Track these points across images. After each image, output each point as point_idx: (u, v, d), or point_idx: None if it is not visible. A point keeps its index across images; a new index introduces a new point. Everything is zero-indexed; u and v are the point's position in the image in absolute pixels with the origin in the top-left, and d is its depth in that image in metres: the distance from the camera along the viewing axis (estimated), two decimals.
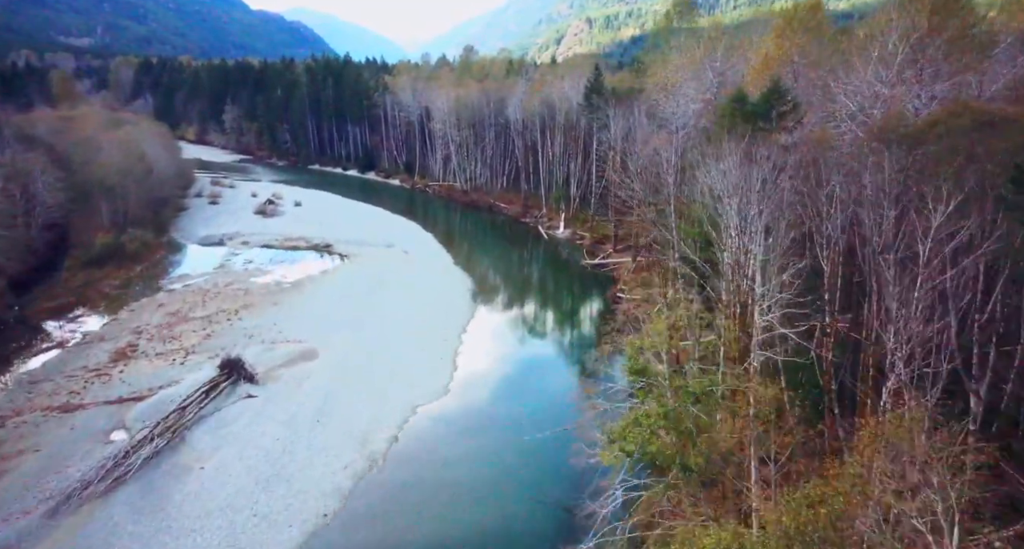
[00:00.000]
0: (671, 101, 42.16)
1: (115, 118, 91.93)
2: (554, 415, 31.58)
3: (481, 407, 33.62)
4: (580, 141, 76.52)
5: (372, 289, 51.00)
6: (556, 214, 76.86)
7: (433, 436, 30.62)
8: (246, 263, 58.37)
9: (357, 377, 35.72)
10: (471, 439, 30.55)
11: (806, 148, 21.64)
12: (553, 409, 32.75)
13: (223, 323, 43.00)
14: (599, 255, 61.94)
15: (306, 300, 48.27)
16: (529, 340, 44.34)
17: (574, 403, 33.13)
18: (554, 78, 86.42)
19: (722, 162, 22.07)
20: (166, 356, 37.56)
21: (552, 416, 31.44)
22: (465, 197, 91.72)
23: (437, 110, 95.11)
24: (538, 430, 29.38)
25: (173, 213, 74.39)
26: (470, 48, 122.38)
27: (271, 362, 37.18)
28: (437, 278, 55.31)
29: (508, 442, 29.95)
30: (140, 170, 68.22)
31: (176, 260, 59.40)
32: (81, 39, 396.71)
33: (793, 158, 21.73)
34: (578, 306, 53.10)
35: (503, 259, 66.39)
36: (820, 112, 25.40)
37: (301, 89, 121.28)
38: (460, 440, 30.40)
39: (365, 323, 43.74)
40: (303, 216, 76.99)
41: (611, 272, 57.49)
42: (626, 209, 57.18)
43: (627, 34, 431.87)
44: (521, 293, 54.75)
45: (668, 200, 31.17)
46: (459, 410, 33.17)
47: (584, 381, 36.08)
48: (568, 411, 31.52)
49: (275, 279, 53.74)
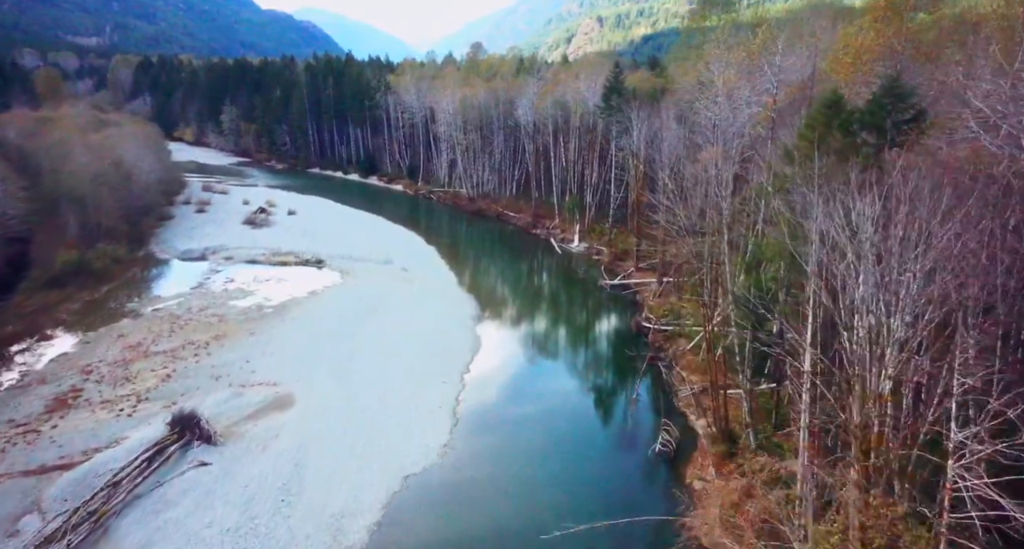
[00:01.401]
0: (715, 103, 35.87)
1: (99, 119, 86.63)
2: (583, 499, 25.45)
3: (486, 477, 27.49)
4: (597, 146, 70.31)
5: (364, 315, 45.03)
6: (570, 225, 70.67)
7: (425, 521, 24.54)
8: (227, 282, 52.54)
9: (338, 433, 29.75)
10: (472, 527, 24.42)
11: (944, 170, 15.45)
12: (580, 488, 26.57)
13: (188, 359, 37.12)
14: (619, 274, 55.72)
15: (288, 329, 42.35)
16: (542, 383, 38.02)
17: (607, 478, 27.08)
18: (568, 77, 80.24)
19: (834, 196, 15.44)
20: (113, 405, 31.68)
21: (580, 500, 25.31)
22: (471, 205, 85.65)
23: (442, 111, 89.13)
24: (560, 519, 23.21)
25: (155, 223, 68.75)
26: (478, 45, 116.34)
27: (236, 413, 31.25)
28: (438, 302, 49.27)
29: (522, 536, 23.74)
30: (117, 177, 62.62)
31: (150, 279, 53.64)
32: (89, 38, 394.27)
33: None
34: (598, 338, 46.71)
35: (512, 278, 60.22)
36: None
37: (300, 89, 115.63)
38: (458, 527, 24.31)
39: (353, 360, 37.77)
40: (296, 226, 71.18)
41: (633, 294, 51.29)
42: (651, 225, 51.09)
43: (638, 33, 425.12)
44: (532, 321, 48.52)
45: (721, 229, 24.99)
46: (459, 482, 27.06)
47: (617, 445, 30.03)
48: (599, 494, 25.46)
49: (257, 302, 47.87)
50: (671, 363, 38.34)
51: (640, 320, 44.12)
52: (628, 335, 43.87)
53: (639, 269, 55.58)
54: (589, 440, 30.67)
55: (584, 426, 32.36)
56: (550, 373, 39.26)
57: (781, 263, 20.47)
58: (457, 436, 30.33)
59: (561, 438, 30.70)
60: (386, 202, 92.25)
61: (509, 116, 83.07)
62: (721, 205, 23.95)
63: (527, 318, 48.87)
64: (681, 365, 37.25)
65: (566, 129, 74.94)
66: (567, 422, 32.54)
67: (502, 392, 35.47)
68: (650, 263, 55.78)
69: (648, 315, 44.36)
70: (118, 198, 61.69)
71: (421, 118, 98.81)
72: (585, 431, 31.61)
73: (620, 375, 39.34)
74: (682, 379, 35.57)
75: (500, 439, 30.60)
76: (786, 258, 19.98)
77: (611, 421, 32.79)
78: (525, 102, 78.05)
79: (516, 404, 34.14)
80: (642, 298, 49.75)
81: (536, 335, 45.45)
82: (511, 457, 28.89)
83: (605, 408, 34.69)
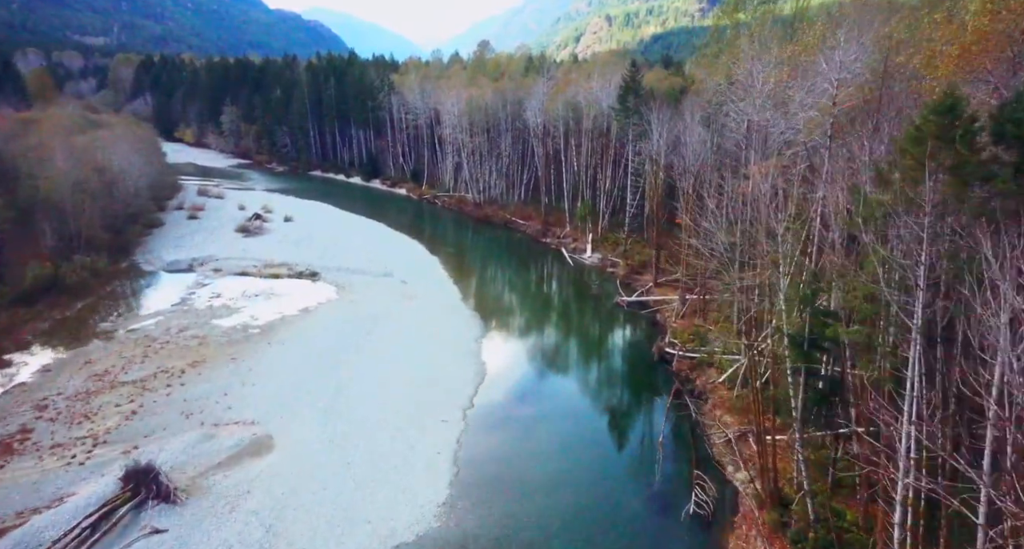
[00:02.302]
0: (753, 106, 31.46)
1: (90, 120, 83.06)
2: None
3: (491, 541, 23.34)
4: (611, 150, 66.09)
5: (357, 338, 40.98)
6: (582, 234, 66.44)
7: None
8: (212, 297, 48.59)
9: (319, 489, 25.67)
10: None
11: None
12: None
13: (159, 391, 33.14)
14: (636, 289, 51.44)
15: (274, 354, 38.32)
16: (554, 423, 33.51)
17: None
18: (580, 77, 76.02)
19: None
20: (65, 450, 27.70)
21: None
22: (477, 211, 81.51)
23: (447, 113, 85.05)
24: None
25: (143, 231, 64.94)
26: (485, 43, 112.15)
27: (205, 461, 27.22)
28: (440, 321, 45.15)
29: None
30: (100, 182, 58.83)
31: (129, 294, 49.72)
32: (97, 38, 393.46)
33: None
34: (616, 367, 42.13)
35: (520, 293, 55.92)
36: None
37: (302, 89, 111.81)
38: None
39: (342, 393, 33.71)
40: (292, 235, 67.25)
41: (653, 313, 46.99)
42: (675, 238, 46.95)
43: (648, 32, 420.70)
44: (541, 345, 44.15)
45: (775, 259, 20.71)
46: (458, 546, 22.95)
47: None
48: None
49: (243, 321, 43.88)
50: (700, 397, 34.11)
51: (663, 345, 39.81)
52: (650, 363, 39.56)
53: (658, 284, 51.30)
54: (613, 500, 26.32)
55: (605, 481, 28.04)
56: (562, 410, 34.93)
57: (865, 309, 16.24)
58: (458, 491, 26.17)
59: (579, 496, 26.40)
60: (388, 207, 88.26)
61: (517, 118, 79.03)
62: (775, 229, 19.73)
63: (536, 341, 44.56)
64: (713, 401, 32.97)
65: (578, 132, 70.80)
66: (584, 473, 28.25)
67: (509, 433, 31.29)
68: (670, 278, 51.59)
69: (671, 339, 40.04)
70: (102, 205, 57.88)
71: (426, 119, 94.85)
72: (608, 489, 27.23)
73: (643, 412, 35.14)
74: (715, 419, 31.29)
75: (507, 494, 26.37)
76: (881, 307, 15.82)
77: (636, 474, 28.47)
78: (534, 103, 73.94)
79: (525, 449, 29.92)
80: (663, 318, 45.47)
81: (546, 362, 41.16)
82: (521, 520, 24.66)
83: (629, 457, 30.36)
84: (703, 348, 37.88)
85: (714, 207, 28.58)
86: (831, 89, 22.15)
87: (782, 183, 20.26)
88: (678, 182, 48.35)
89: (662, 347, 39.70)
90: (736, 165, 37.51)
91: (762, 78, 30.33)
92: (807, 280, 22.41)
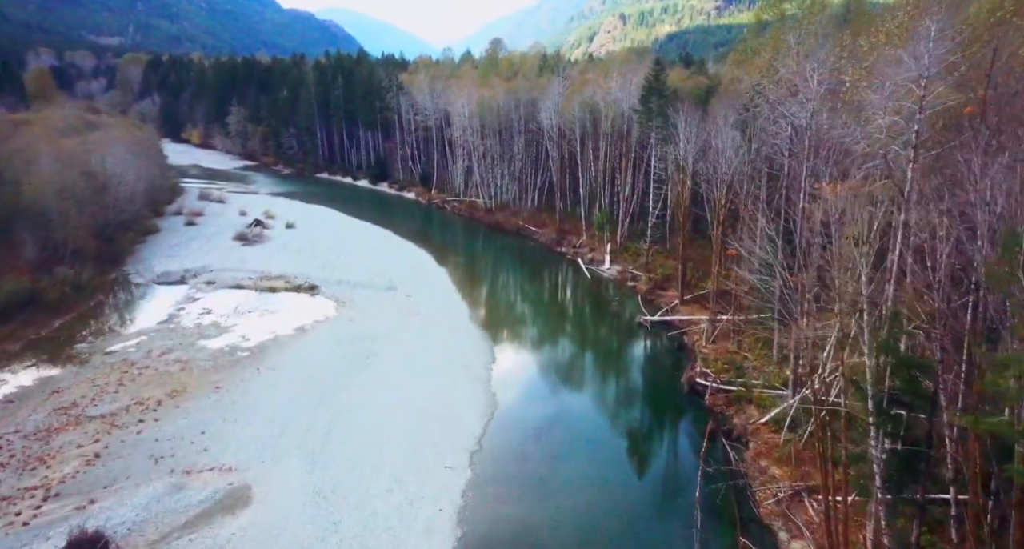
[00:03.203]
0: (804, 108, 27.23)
1: (87, 121, 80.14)
2: None
3: None
4: (630, 154, 61.92)
5: (355, 364, 37.22)
6: (599, 244, 62.39)
7: None
8: (202, 314, 45.07)
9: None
10: None
11: None
12: None
13: (129, 428, 29.55)
14: (660, 306, 47.34)
15: (262, 383, 34.64)
16: (573, 468, 29.29)
17: None
18: (597, 76, 71.87)
19: None
20: (10, 505, 24.06)
21: None
22: (489, 217, 77.64)
23: (457, 114, 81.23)
24: None
25: (137, 239, 61.67)
26: (498, 41, 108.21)
27: (170, 520, 23.51)
28: (447, 342, 41.29)
29: None
30: (90, 188, 55.58)
31: (113, 310, 46.31)
32: (112, 38, 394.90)
33: None
34: (641, 399, 37.74)
35: (533, 310, 51.85)
36: None
37: (308, 89, 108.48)
38: None
39: (333, 430, 29.95)
40: (292, 243, 63.71)
41: (680, 335, 42.82)
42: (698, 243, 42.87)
43: (663, 31, 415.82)
44: (557, 373, 39.96)
45: (859, 306, 16.60)
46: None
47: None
48: None
49: (232, 342, 40.28)
50: (740, 439, 29.95)
51: (693, 375, 35.64)
52: (679, 394, 35.44)
53: (685, 302, 47.12)
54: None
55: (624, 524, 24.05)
56: (583, 453, 30.80)
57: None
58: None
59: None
60: (396, 212, 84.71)
61: (531, 119, 75.06)
62: (860, 268, 15.56)
63: (552, 368, 40.39)
64: (756, 447, 28.79)
65: (595, 134, 66.74)
66: (608, 537, 24.20)
67: (522, 484, 27.27)
68: (699, 293, 47.45)
69: (703, 368, 35.87)
70: (91, 212, 54.69)
71: (435, 121, 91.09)
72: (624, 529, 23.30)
73: (674, 458, 31.05)
74: (760, 470, 27.13)
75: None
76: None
77: (671, 540, 24.39)
78: (549, 104, 69.91)
79: (540, 505, 25.93)
80: (691, 342, 41.29)
81: (563, 392, 37.11)
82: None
83: (662, 516, 26.25)
84: (740, 380, 33.74)
85: (771, 233, 24.37)
86: (918, 90, 18.04)
87: (860, 205, 16.23)
88: (709, 191, 44.16)
89: (693, 377, 35.53)
90: (780, 174, 33.35)
91: (817, 77, 26.16)
92: (888, 321, 18.26)
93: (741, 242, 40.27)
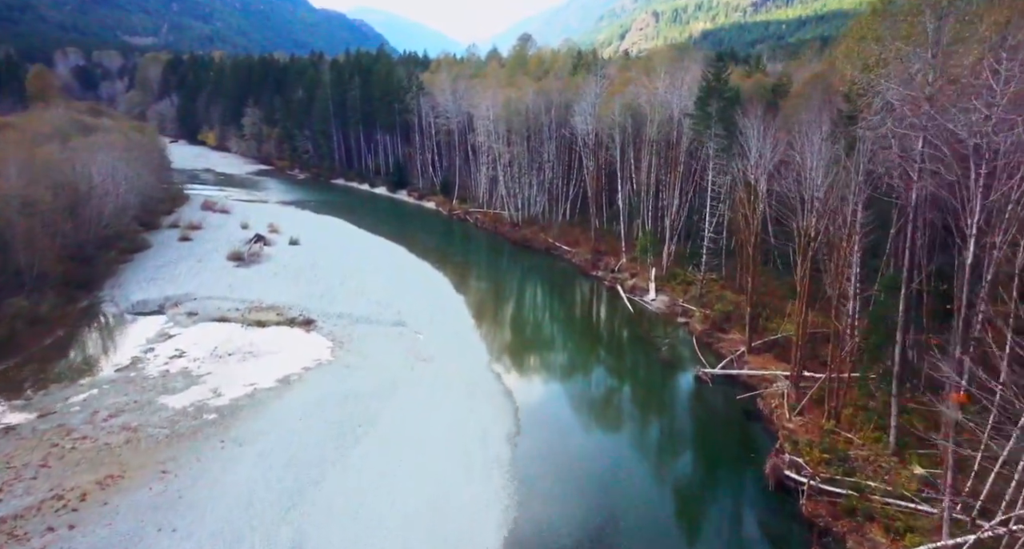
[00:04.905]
0: (990, 119, 18.68)
1: (83, 124, 74.36)
2: None
3: None
4: (680, 165, 53.41)
5: (344, 436, 29.55)
6: (642, 268, 53.99)
7: None
8: (173, 357, 37.92)
9: None
10: None
11: None
12: None
13: (30, 542, 22.22)
14: (722, 353, 38.92)
15: (223, 464, 27.15)
16: None
17: None
18: (640, 75, 63.39)
19: None
20: None
21: None
22: (515, 232, 69.72)
23: (482, 117, 73.40)
24: None
25: (122, 257, 55.04)
26: (527, 37, 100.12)
27: None
28: (461, 403, 33.40)
29: None
30: (65, 201, 49.10)
31: (69, 351, 39.30)
32: (146, 38, 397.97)
33: None
34: (709, 495, 28.26)
35: (565, 354, 43.25)
36: None
37: (325, 89, 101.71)
38: None
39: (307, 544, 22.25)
40: (293, 264, 56.49)
41: (752, 396, 34.26)
42: (775, 282, 34.50)
43: (697, 28, 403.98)
44: (598, 446, 31.63)
45: None
46: None
47: None
48: None
49: (200, 398, 33.00)
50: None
51: (781, 464, 27.11)
52: (762, 491, 26.95)
53: (753, 349, 38.52)
54: None
55: None
56: None
57: None
58: None
59: None
60: (414, 225, 77.27)
61: (564, 123, 66.83)
62: None
63: (589, 448, 31.63)
64: None
65: (637, 142, 58.35)
66: None
67: None
68: (770, 339, 38.88)
69: (793, 455, 27.33)
70: (65, 229, 48.18)
71: (457, 124, 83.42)
72: None
73: None
74: None
75: None
76: None
77: None
78: (585, 106, 61.62)
79: None
80: (768, 408, 32.70)
81: (606, 487, 28.45)
82: None
83: None
84: (849, 479, 25.17)
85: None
86: None
87: None
88: (780, 212, 35.52)
89: (780, 467, 27.01)
90: (893, 200, 24.91)
91: (1005, 73, 17.71)
92: None
93: (834, 282, 32.03)
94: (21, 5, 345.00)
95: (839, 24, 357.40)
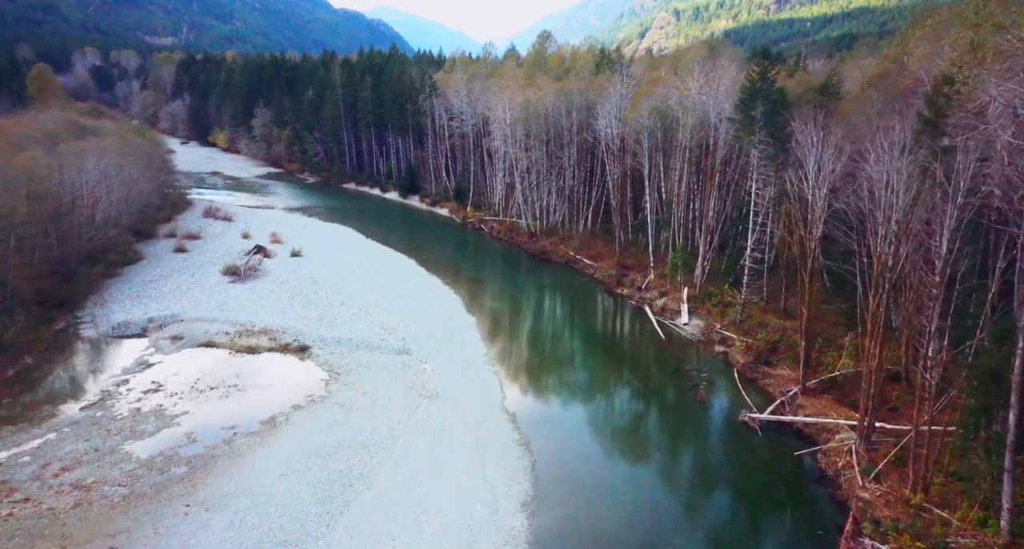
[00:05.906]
0: None
1: (80, 127, 70.95)
2: None
3: None
4: (715, 175, 48.31)
5: (331, 499, 25.04)
6: (672, 287, 48.96)
7: None
8: (148, 392, 33.79)
9: None
10: None
11: None
12: None
13: None
14: (768, 391, 33.84)
15: (184, 537, 22.75)
16: None
17: None
18: (670, 75, 58.28)
19: None
20: None
21: None
22: (533, 243, 64.96)
23: (498, 119, 68.73)
24: None
25: (109, 271, 51.08)
26: (546, 34, 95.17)
27: None
28: (468, 460, 28.66)
29: None
30: (45, 213, 45.35)
31: (34, 384, 35.18)
32: (166, 38, 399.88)
33: None
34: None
35: (587, 393, 37.88)
36: None
37: (335, 90, 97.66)
38: None
39: None
40: (292, 279, 52.23)
41: (812, 450, 29.15)
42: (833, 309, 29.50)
43: (719, 26, 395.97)
44: (626, 520, 26.68)
45: None
46: None
47: None
48: None
49: (170, 445, 28.78)
50: None
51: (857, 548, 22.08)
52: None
53: (807, 389, 33.38)
54: None
55: None
56: None
57: None
58: None
59: None
60: (425, 234, 72.87)
61: (585, 127, 61.95)
62: None
63: (620, 515, 26.16)
64: None
65: (667, 147, 53.34)
66: None
67: None
68: (828, 379, 33.75)
69: (875, 543, 22.23)
70: (43, 245, 44.36)
71: (473, 127, 78.83)
72: None
73: None
74: None
75: None
76: None
77: None
78: (609, 108, 56.69)
79: None
80: (833, 468, 27.55)
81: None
82: None
83: None
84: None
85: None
86: None
87: None
88: (865, 243, 30.37)
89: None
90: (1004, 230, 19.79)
91: None
92: None
93: (910, 318, 27.08)
94: (45, 6, 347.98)
95: (866, 21, 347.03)
